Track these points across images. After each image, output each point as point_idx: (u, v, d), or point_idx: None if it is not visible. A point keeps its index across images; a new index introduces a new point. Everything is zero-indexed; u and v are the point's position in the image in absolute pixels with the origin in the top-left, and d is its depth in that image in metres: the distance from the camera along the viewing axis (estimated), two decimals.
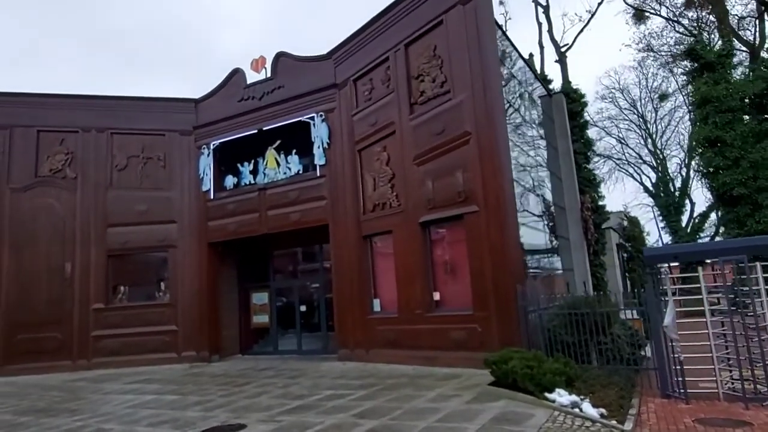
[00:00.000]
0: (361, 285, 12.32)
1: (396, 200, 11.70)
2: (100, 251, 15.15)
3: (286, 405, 7.89)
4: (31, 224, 15.02)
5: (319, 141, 13.41)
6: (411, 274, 11.18)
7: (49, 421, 8.12)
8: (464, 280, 10.43)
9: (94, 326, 14.79)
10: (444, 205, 10.64)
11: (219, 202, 15.05)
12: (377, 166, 12.17)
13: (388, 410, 6.96)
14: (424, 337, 10.75)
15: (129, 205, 15.37)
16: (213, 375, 12.04)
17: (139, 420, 7.65)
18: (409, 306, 11.15)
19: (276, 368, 12.38)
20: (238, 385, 10.31)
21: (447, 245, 11.02)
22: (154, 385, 11.18)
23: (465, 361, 9.84)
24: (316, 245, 14.93)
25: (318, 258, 14.99)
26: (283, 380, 10.45)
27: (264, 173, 14.85)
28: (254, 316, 16.01)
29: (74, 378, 13.27)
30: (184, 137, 15.82)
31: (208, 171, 15.25)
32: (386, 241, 12.04)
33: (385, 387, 8.78)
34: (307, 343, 14.86)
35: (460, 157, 10.40)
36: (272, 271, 15.98)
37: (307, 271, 15.74)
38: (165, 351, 14.72)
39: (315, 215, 13.35)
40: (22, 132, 15.52)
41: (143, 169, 15.71)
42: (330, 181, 13.20)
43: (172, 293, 15.08)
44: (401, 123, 11.66)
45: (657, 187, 37.27)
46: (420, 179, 11.16)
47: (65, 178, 15.45)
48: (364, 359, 11.94)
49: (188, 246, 15.23)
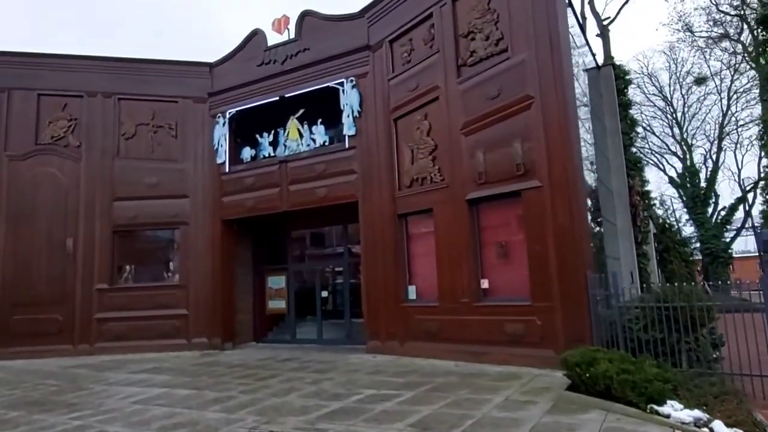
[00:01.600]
0: (395, 269, 11.02)
1: (438, 174, 10.36)
2: (106, 227, 13.89)
3: (323, 407, 6.63)
4: (30, 195, 13.75)
5: (348, 109, 12.04)
6: (455, 259, 9.87)
7: (42, 418, 6.90)
8: (520, 266, 9.12)
9: (98, 308, 13.58)
10: (497, 180, 9.29)
11: (235, 175, 13.73)
12: (417, 137, 10.81)
13: (455, 420, 5.69)
14: (470, 329, 9.48)
15: (137, 177, 14.07)
16: (229, 365, 10.81)
17: (148, 421, 6.41)
18: (452, 294, 9.85)
19: (299, 359, 11.14)
20: (260, 378, 9.07)
21: (499, 226, 9.69)
22: (164, 375, 9.96)
23: (521, 358, 8.59)
24: (341, 225, 13.62)
25: (342, 239, 13.68)
26: (310, 374, 9.21)
27: (285, 145, 13.51)
28: (270, 301, 14.76)
29: (75, 364, 12.08)
30: (198, 105, 14.45)
31: (224, 142, 13.91)
32: (425, 221, 10.72)
33: (435, 387, 7.51)
34: (329, 333, 13.61)
35: (519, 125, 9.04)
36: (290, 252, 14.70)
37: (329, 253, 14.44)
38: (174, 337, 13.51)
39: (343, 191, 12.01)
40: (21, 95, 14.19)
41: (153, 139, 14.37)
42: (361, 153, 11.85)
43: (183, 274, 13.82)
44: (447, 87, 10.27)
45: (683, 177, 35.72)
46: (468, 151, 9.80)
47: (68, 146, 14.15)
48: (397, 352, 10.68)
49: (201, 223, 13.94)
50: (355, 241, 13.56)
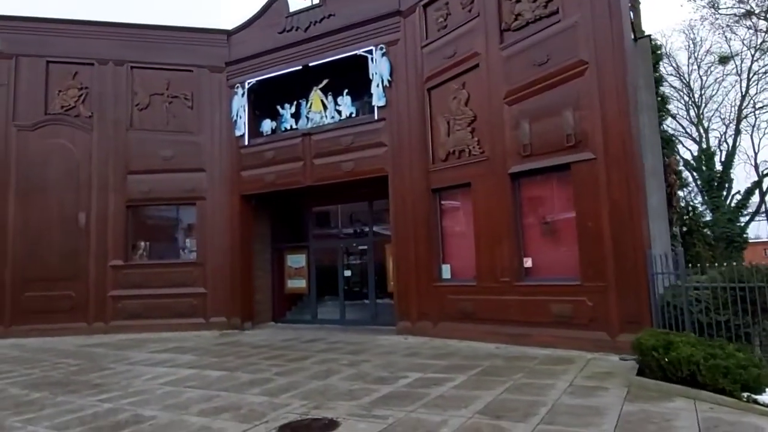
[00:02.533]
0: (428, 247, 10.49)
1: (477, 147, 9.77)
2: (119, 201, 13.32)
3: (372, 391, 6.15)
4: (40, 167, 13.16)
5: (378, 78, 11.39)
6: (495, 236, 9.33)
7: (68, 399, 6.42)
8: (567, 244, 8.60)
9: (112, 285, 13.09)
10: (544, 152, 8.71)
11: (255, 149, 13.12)
12: (453, 107, 10.19)
13: (525, 407, 5.20)
14: (511, 310, 8.99)
15: (152, 149, 13.45)
16: (254, 345, 10.35)
17: (186, 405, 5.93)
18: (492, 273, 9.34)
19: (324, 340, 10.68)
20: (291, 359, 8.60)
21: (544, 201, 9.14)
22: (188, 355, 9.49)
23: (568, 341, 8.12)
24: (365, 201, 13.06)
25: (367, 216, 13.13)
26: (343, 356, 8.73)
27: (307, 117, 12.88)
28: (289, 280, 14.27)
29: (91, 343, 11.63)
30: (215, 74, 13.77)
31: (242, 113, 13.27)
32: (462, 196, 10.17)
33: (484, 371, 7.03)
34: (352, 313, 13.15)
35: (570, 93, 8.42)
36: (311, 230, 14.15)
37: (353, 231, 13.89)
38: (191, 316, 13.04)
39: (372, 165, 11.42)
40: (30, 62, 13.50)
41: (168, 110, 13.72)
42: (391, 125, 11.23)
43: (200, 251, 13.30)
44: (488, 54, 9.62)
45: (698, 160, 35.06)
46: (512, 121, 9.20)
47: (79, 116, 13.51)
48: (429, 333, 10.21)
49: (219, 198, 13.37)
50: (380, 219, 13.05)
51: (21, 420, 5.55)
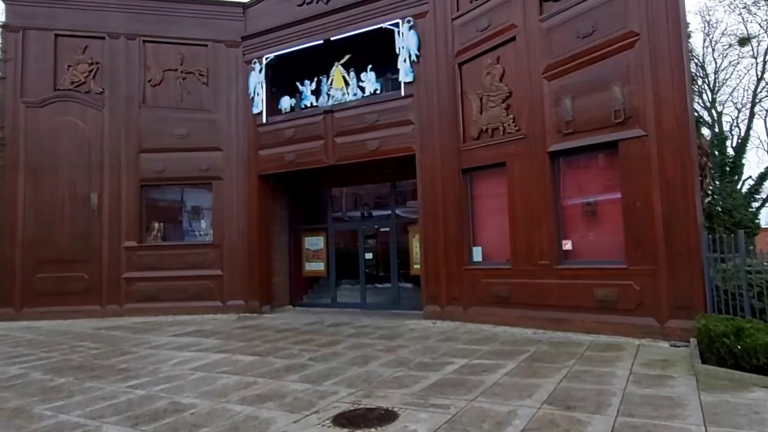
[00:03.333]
0: (458, 229, 10.09)
1: (513, 124, 9.32)
2: (132, 181, 12.88)
3: (420, 379, 5.80)
4: (50, 146, 12.70)
5: (405, 53, 10.88)
6: (532, 217, 8.93)
7: (96, 385, 6.06)
8: (611, 225, 8.20)
9: (126, 267, 12.72)
10: (589, 129, 8.26)
11: (273, 127, 12.64)
12: (487, 82, 9.72)
13: (592, 396, 4.84)
14: (549, 294, 8.63)
15: (166, 127, 12.98)
16: (277, 329, 10.00)
17: (223, 392, 5.57)
18: (529, 256, 8.96)
19: (350, 325, 10.33)
20: (322, 344, 8.24)
21: (586, 181, 8.72)
22: (211, 339, 9.14)
23: (612, 326, 7.78)
24: (388, 182, 12.63)
25: (389, 197, 12.71)
26: (375, 341, 8.38)
27: (328, 94, 12.37)
28: (306, 263, 13.90)
29: (106, 325, 11.28)
30: (231, 49, 13.24)
31: (260, 90, 12.77)
32: (496, 176, 9.73)
33: (532, 357, 6.68)
34: (373, 297, 12.80)
35: (618, 66, 7.95)
36: (330, 211, 13.74)
37: (374, 212, 13.48)
38: (208, 298, 12.69)
39: (398, 143, 10.96)
40: (37, 36, 12.97)
41: (182, 86, 13.21)
42: (419, 101, 10.75)
43: (217, 233, 12.90)
44: (526, 25, 9.13)
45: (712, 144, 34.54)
46: (552, 97, 8.74)
47: (90, 92, 13.01)
48: (459, 318, 9.86)
49: (236, 178, 12.94)
50: (402, 201, 12.65)
51: (50, 408, 5.19)
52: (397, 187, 12.56)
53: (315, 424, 4.43)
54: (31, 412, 5.05)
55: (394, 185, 12.55)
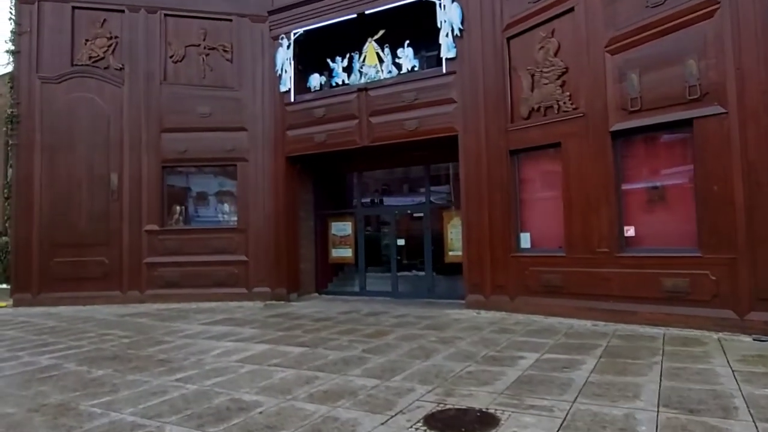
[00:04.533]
0: (504, 214, 9.53)
1: (569, 102, 8.72)
2: (153, 161, 12.29)
3: (498, 375, 5.27)
4: (67, 123, 12.10)
5: (447, 27, 10.24)
6: (590, 202, 8.37)
7: (140, 378, 5.55)
8: (682, 210, 7.64)
9: (147, 252, 12.17)
10: (658, 106, 7.66)
11: (302, 105, 12.02)
12: (540, 57, 9.09)
13: (711, 399, 4.32)
14: (610, 284, 8.09)
15: (188, 105, 12.36)
16: (313, 318, 9.48)
17: (285, 388, 5.04)
18: (585, 243, 8.41)
19: (388, 314, 9.81)
20: (368, 335, 7.72)
21: (653, 162, 8.13)
22: (247, 328, 8.62)
23: (685, 319, 7.25)
24: (421, 165, 12.05)
25: (424, 181, 12.13)
26: (424, 331, 7.85)
27: (360, 71, 11.74)
28: (333, 249, 13.36)
29: (130, 312, 10.77)
30: (257, 24, 12.57)
31: (288, 67, 12.13)
32: (548, 157, 9.16)
33: (609, 352, 6.15)
34: (404, 285, 12.27)
35: (693, 38, 7.33)
36: (359, 196, 13.17)
37: (407, 197, 12.92)
38: (233, 285, 12.16)
39: (439, 123, 10.35)
40: (54, 8, 12.30)
41: (205, 62, 12.57)
42: (462, 79, 10.13)
43: (242, 217, 12.34)
44: None
45: None
46: (615, 72, 8.13)
47: (108, 68, 12.37)
48: (506, 308, 9.34)
49: (262, 159, 12.35)
50: (437, 184, 12.08)
51: (98, 404, 4.67)
52: (431, 171, 11.97)
53: (406, 428, 3.91)
54: (77, 410, 4.53)
55: (427, 168, 11.97)
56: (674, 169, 7.82)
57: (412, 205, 12.49)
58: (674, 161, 7.86)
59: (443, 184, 12.20)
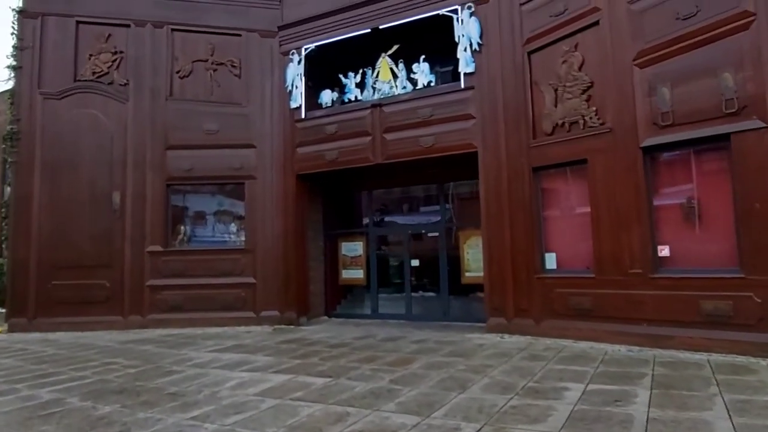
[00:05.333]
0: (528, 233, 9.15)
1: (596, 117, 8.41)
2: (158, 179, 11.88)
3: (548, 410, 4.82)
4: (69, 141, 11.71)
5: (465, 41, 9.98)
6: (621, 221, 8.01)
7: (152, 416, 5.05)
8: (721, 229, 7.29)
9: (150, 274, 11.68)
10: (692, 120, 7.36)
11: (313, 122, 11.69)
12: (563, 72, 8.82)
13: None
14: (643, 307, 7.69)
15: (195, 122, 12.01)
16: (329, 345, 8.99)
17: (316, 427, 4.57)
18: (617, 264, 8.02)
19: (406, 339, 9.33)
20: (391, 363, 7.25)
21: (687, 179, 7.78)
22: (259, 356, 8.13)
23: (728, 344, 6.86)
24: (435, 183, 11.69)
25: (439, 198, 11.74)
26: (449, 359, 7.38)
27: (374, 87, 11.46)
28: (344, 270, 12.92)
29: (133, 339, 10.25)
30: (266, 39, 12.31)
31: (299, 83, 11.83)
32: (573, 174, 8.84)
33: (659, 383, 5.70)
34: (419, 307, 11.82)
35: (729, 50, 7.06)
36: (371, 214, 12.76)
37: (421, 215, 12.54)
38: (240, 309, 11.66)
39: (457, 139, 10.02)
40: (57, 22, 12.00)
41: (213, 78, 12.26)
42: (481, 94, 9.84)
43: (250, 237, 11.90)
44: (611, 9, 8.25)
45: None
46: (645, 86, 7.84)
47: (113, 83, 12.03)
48: (531, 332, 8.90)
49: (271, 178, 11.96)
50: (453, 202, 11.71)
51: None
52: (446, 189, 11.61)
53: None
54: None
55: (441, 186, 11.62)
56: (710, 185, 7.48)
57: (427, 224, 12.09)
58: (710, 177, 7.53)
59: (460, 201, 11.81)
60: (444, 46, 10.40)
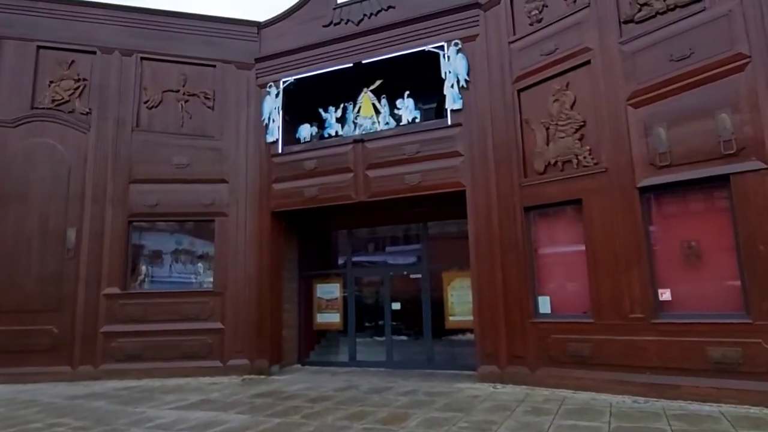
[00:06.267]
0: (520, 276, 8.75)
1: (590, 156, 8.23)
2: (119, 215, 10.96)
3: None
4: (21, 171, 10.74)
5: (452, 78, 9.78)
6: (619, 262, 7.72)
7: None
8: (722, 271, 7.08)
9: (106, 319, 10.60)
10: (689, 161, 7.24)
11: (291, 157, 11.14)
12: (555, 110, 8.68)
13: None
14: (646, 354, 7.32)
15: (163, 155, 11.26)
16: (308, 398, 8.16)
17: None
18: (616, 308, 7.67)
19: (392, 390, 8.61)
20: (384, 420, 6.53)
21: (686, 220, 7.60)
22: (232, 413, 7.24)
23: (737, 394, 6.53)
24: (418, 222, 11.25)
25: (421, 238, 11.27)
26: (448, 414, 6.74)
27: (354, 123, 11.08)
28: (319, 314, 12.14)
29: (82, 393, 9.10)
30: (242, 71, 11.82)
31: (276, 116, 11.33)
32: (567, 214, 8.58)
33: None
34: (400, 354, 11.12)
35: (724, 91, 7.03)
36: (348, 254, 12.12)
37: (403, 256, 12.01)
38: (205, 357, 10.67)
39: (444, 177, 9.66)
40: (16, 47, 11.20)
41: (184, 109, 11.61)
42: (469, 131, 9.58)
43: (219, 278, 11.02)
44: (603, 49, 8.22)
45: None
46: (640, 126, 7.73)
47: (73, 112, 11.20)
48: (526, 381, 8.37)
49: (244, 215, 11.23)
50: (436, 243, 11.28)
51: None
52: (429, 228, 11.18)
53: None
54: None
55: (425, 226, 11.18)
56: (710, 226, 7.30)
57: (409, 265, 11.56)
58: (710, 218, 7.37)
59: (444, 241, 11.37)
60: (428, 82, 10.18)
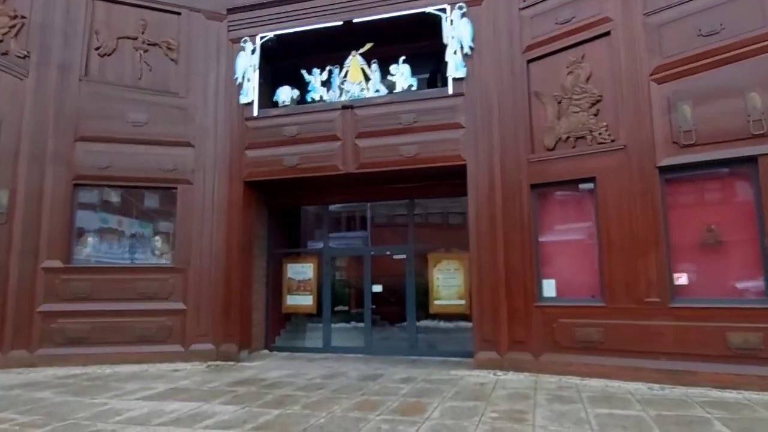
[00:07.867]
0: (524, 257, 8.23)
1: (606, 133, 7.81)
2: (62, 177, 9.43)
3: None
4: None
5: (455, 44, 9.05)
6: (634, 245, 7.37)
7: None
8: (744, 256, 6.87)
9: (44, 297, 9.10)
10: (714, 141, 6.97)
11: (269, 122, 10.01)
12: (568, 83, 8.18)
13: None
14: (662, 339, 7.03)
15: (116, 110, 9.79)
16: (297, 386, 7.23)
17: None
18: (630, 292, 7.33)
19: (386, 376, 7.87)
20: (402, 411, 5.77)
21: (708, 202, 7.36)
22: (215, 405, 6.21)
23: (759, 381, 6.34)
24: (405, 198, 10.49)
25: (408, 216, 10.50)
26: (463, 402, 6.08)
27: (340, 88, 10.11)
28: (289, 296, 11.14)
29: (18, 382, 7.67)
30: (213, 22, 10.49)
31: (252, 76, 10.13)
32: (579, 193, 8.13)
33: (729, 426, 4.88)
34: (381, 340, 10.39)
35: (756, 70, 6.78)
36: (324, 231, 11.18)
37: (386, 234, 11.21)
38: (163, 341, 9.44)
39: (444, 150, 8.94)
40: None
41: (143, 59, 10.15)
42: (472, 102, 8.91)
43: (181, 253, 9.76)
44: (625, 20, 7.79)
45: None
46: (663, 102, 7.38)
47: (7, 54, 9.47)
48: (529, 368, 7.89)
49: (212, 183, 10.00)
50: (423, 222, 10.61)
51: None
52: (416, 204, 10.47)
53: None
54: None
55: (412, 203, 10.44)
56: (734, 209, 7.08)
57: (392, 246, 10.79)
58: (734, 200, 7.14)
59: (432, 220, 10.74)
60: (425, 49, 9.47)
